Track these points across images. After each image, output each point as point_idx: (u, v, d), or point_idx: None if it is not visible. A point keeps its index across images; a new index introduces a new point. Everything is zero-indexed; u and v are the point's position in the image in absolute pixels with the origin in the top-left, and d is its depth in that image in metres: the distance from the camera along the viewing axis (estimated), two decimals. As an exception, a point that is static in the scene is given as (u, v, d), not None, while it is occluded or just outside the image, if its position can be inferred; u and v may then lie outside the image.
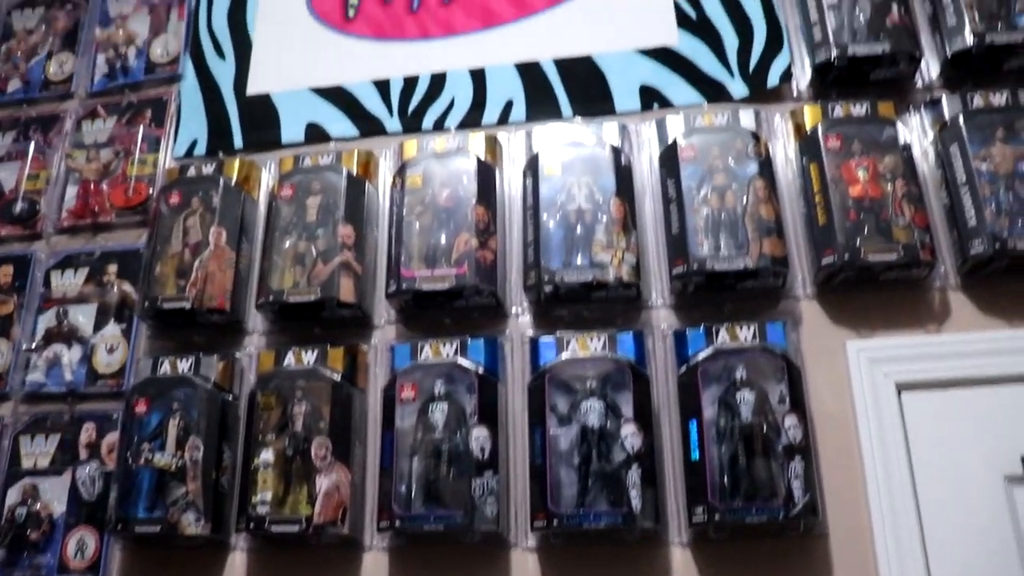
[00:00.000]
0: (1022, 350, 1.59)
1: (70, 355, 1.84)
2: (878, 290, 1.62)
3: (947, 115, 1.69)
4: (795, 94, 1.79)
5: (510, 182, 1.74)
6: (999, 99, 1.69)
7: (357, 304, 1.63)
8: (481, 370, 1.54)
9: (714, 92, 1.78)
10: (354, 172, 1.73)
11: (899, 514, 1.49)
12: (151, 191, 1.94)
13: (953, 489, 1.52)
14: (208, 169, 1.83)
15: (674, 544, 1.50)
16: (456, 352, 1.56)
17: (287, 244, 1.69)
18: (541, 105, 1.82)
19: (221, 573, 1.59)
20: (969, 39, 1.71)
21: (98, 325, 1.86)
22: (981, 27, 1.72)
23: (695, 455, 1.45)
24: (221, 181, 1.79)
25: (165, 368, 1.67)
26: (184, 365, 1.66)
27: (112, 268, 1.90)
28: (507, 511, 1.50)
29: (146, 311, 1.72)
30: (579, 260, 1.57)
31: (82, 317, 1.88)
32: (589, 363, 1.52)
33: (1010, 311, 1.61)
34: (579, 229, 1.59)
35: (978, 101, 1.69)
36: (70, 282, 1.92)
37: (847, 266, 1.55)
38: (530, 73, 1.84)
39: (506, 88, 1.84)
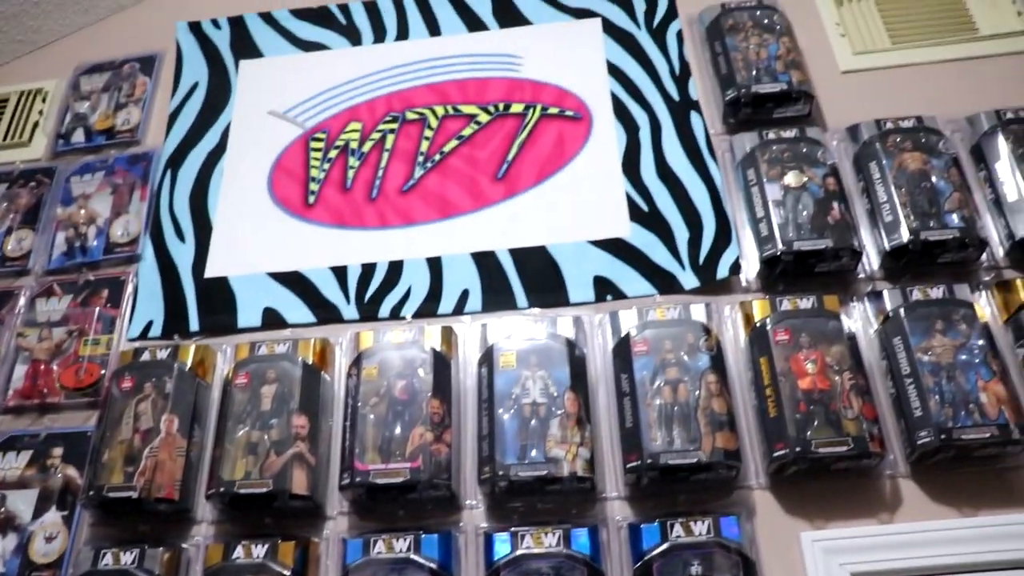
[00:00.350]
0: (972, 539, 1.63)
1: (3, 544, 1.80)
2: (830, 480, 1.66)
3: (889, 307, 1.79)
4: (744, 285, 1.88)
5: (465, 373, 1.79)
6: (936, 292, 1.80)
7: (310, 496, 1.64)
8: (435, 565, 1.54)
9: (666, 284, 1.88)
10: (310, 361, 1.78)
11: None
12: (103, 372, 1.95)
13: None
14: (163, 354, 1.85)
15: None
16: (409, 547, 1.56)
17: (240, 433, 1.70)
18: (497, 295, 1.89)
19: None
20: (905, 235, 1.84)
21: (38, 512, 1.83)
22: (916, 224, 1.85)
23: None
24: (176, 367, 1.81)
25: (107, 560, 1.65)
26: (127, 558, 1.64)
27: (57, 451, 1.89)
28: None
29: (91, 499, 1.71)
30: (533, 454, 1.60)
31: (21, 503, 1.85)
32: (544, 559, 1.53)
33: (959, 500, 1.66)
34: (533, 423, 1.63)
35: (917, 294, 1.79)
36: (11, 465, 1.90)
37: (799, 458, 1.60)
38: (486, 263, 1.93)
39: (462, 277, 1.91)
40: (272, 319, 1.93)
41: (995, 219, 1.94)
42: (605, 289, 1.88)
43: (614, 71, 2.22)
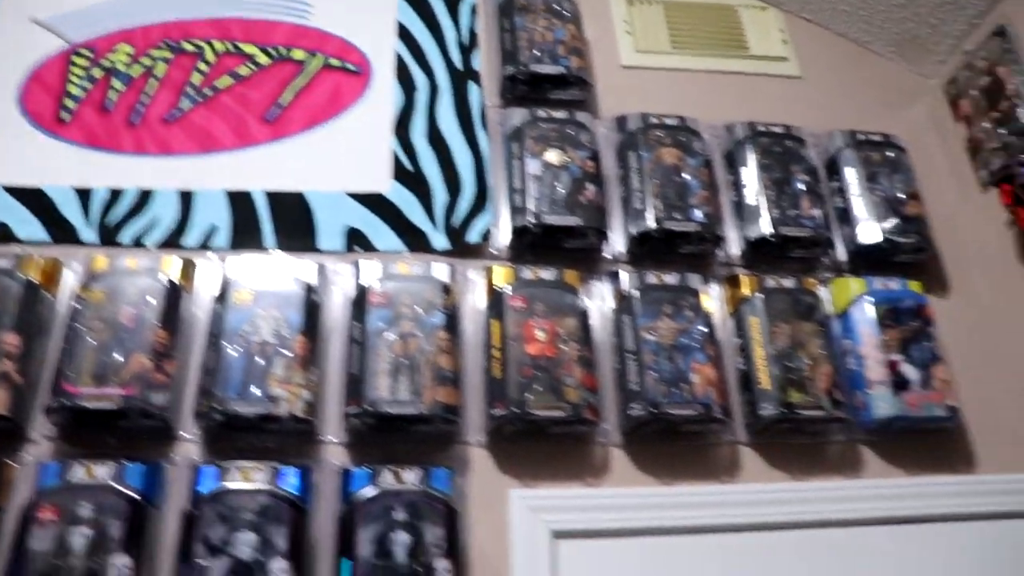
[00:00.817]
0: (672, 505, 1.78)
1: None
2: (547, 444, 1.77)
3: (625, 288, 1.92)
4: (494, 253, 1.97)
5: (201, 307, 1.78)
6: (671, 279, 1.94)
7: (10, 417, 1.59)
8: (136, 495, 1.54)
9: (417, 242, 1.93)
10: (36, 279, 1.73)
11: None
12: None
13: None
14: None
15: None
16: (114, 475, 1.55)
17: (-54, 347, 1.64)
18: (245, 235, 1.89)
19: None
20: (651, 222, 1.98)
21: None
22: (663, 214, 1.99)
23: (341, 594, 1.51)
24: None
25: None
26: None
27: None
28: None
29: None
30: (255, 392, 1.62)
31: None
32: (248, 495, 1.55)
33: (664, 470, 1.80)
34: (260, 361, 1.65)
35: (652, 279, 1.93)
36: None
37: (516, 419, 1.70)
38: (239, 202, 1.93)
39: (213, 214, 1.90)
40: (2, 234, 1.86)
41: (736, 220, 2.12)
42: (356, 241, 1.92)
43: (403, 33, 2.27)
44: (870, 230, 2.13)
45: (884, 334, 1.98)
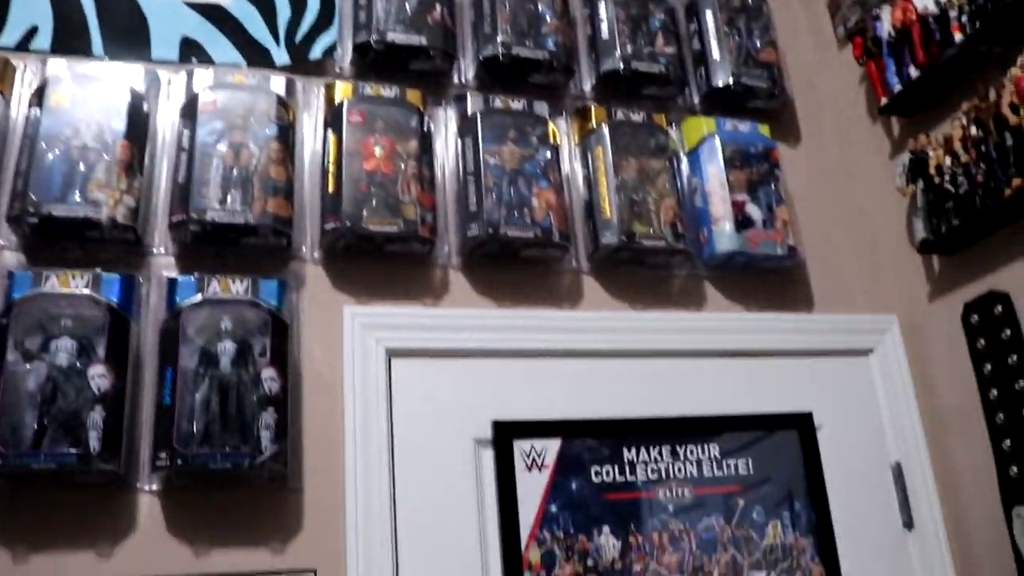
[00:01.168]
0: (505, 327, 1.83)
1: None
2: (384, 263, 1.78)
3: (470, 111, 1.91)
4: (337, 71, 1.92)
5: (18, 113, 1.70)
6: (518, 105, 1.94)
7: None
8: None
9: (257, 56, 1.87)
10: None
11: (372, 471, 1.65)
12: None
13: (429, 450, 1.72)
14: None
15: (143, 491, 1.53)
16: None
17: None
18: (70, 37, 1.78)
19: None
20: (499, 48, 1.96)
21: None
22: (511, 40, 1.97)
23: (167, 400, 1.51)
24: None
25: None
26: None
27: None
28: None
29: None
30: (75, 197, 1.58)
31: None
32: (65, 300, 1.53)
33: (498, 291, 1.85)
34: (81, 166, 1.60)
35: (498, 103, 1.93)
36: None
37: (348, 233, 1.70)
38: (64, 3, 1.82)
39: (33, 13, 1.78)
40: None
41: (590, 53, 2.12)
42: (192, 51, 1.84)
43: None
44: (723, 72, 2.17)
45: (731, 174, 2.04)
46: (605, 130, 1.97)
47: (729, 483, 1.90)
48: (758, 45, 2.23)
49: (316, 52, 1.91)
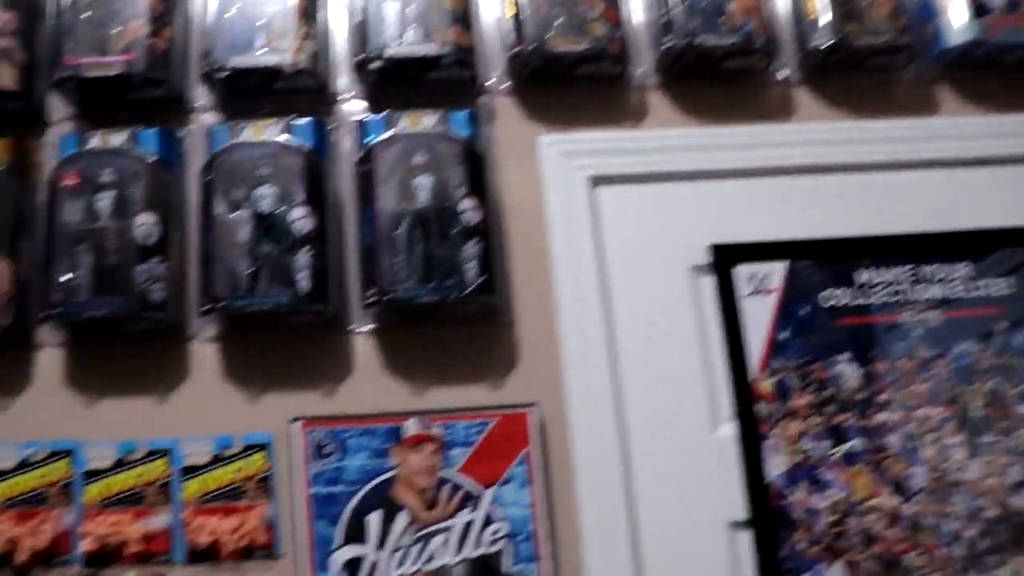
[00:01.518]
0: (713, 147, 1.71)
1: None
2: (577, 87, 1.69)
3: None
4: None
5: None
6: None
7: (21, 92, 1.60)
8: (155, 158, 1.55)
9: None
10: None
11: (584, 303, 1.59)
12: None
13: (643, 279, 1.63)
14: None
15: (355, 332, 1.55)
16: (127, 141, 1.56)
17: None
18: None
19: None
20: None
21: None
22: None
23: (368, 239, 1.50)
24: None
25: None
26: None
27: None
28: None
29: None
30: (257, 48, 1.58)
31: None
32: (261, 148, 1.54)
33: (703, 109, 1.72)
34: (258, 21, 1.60)
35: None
36: None
37: (534, 56, 1.62)
38: None
39: None
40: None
41: None
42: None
43: None
44: None
45: (959, -45, 1.79)
46: (807, -77, 1.77)
47: (987, 304, 1.70)
48: None
49: None
